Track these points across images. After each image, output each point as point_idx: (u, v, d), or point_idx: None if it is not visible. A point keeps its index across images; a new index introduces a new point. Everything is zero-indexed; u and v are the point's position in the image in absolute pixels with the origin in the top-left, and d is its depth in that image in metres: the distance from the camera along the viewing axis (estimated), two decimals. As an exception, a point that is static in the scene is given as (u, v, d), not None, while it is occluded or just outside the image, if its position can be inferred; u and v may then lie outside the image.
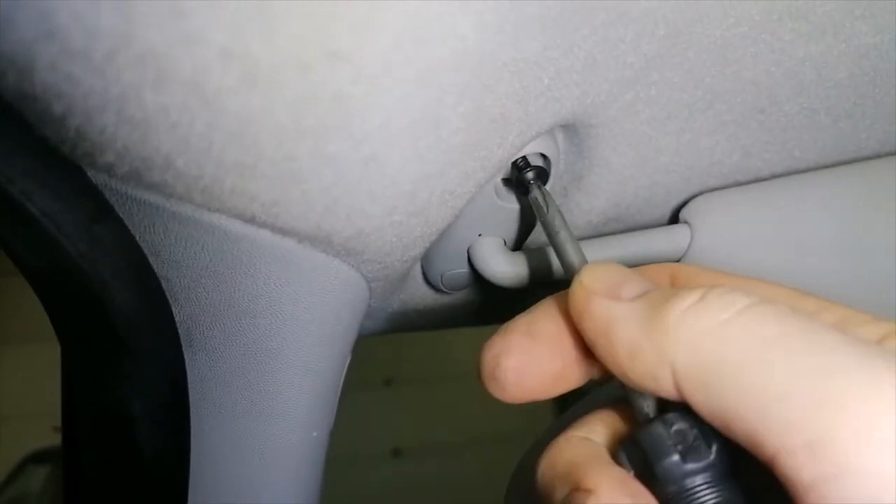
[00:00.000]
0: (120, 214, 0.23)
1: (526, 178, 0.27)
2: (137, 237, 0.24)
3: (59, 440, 0.32)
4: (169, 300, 0.26)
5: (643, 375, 0.18)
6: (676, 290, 0.19)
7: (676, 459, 0.18)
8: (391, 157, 0.22)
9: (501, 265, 0.31)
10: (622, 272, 0.20)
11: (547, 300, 0.22)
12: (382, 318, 0.37)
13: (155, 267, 0.25)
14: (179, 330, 0.26)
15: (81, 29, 0.16)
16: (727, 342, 0.17)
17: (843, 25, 0.26)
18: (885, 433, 0.14)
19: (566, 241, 0.24)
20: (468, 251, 0.32)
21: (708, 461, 0.18)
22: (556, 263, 0.31)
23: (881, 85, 0.29)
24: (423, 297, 0.36)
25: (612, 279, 0.20)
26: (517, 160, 0.28)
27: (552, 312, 0.21)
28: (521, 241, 0.33)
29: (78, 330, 0.26)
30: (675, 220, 0.34)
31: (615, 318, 0.19)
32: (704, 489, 0.18)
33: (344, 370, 0.31)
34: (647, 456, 0.18)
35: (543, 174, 0.28)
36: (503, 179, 0.29)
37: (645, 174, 0.30)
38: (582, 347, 0.21)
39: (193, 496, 0.29)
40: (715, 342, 0.17)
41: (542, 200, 0.26)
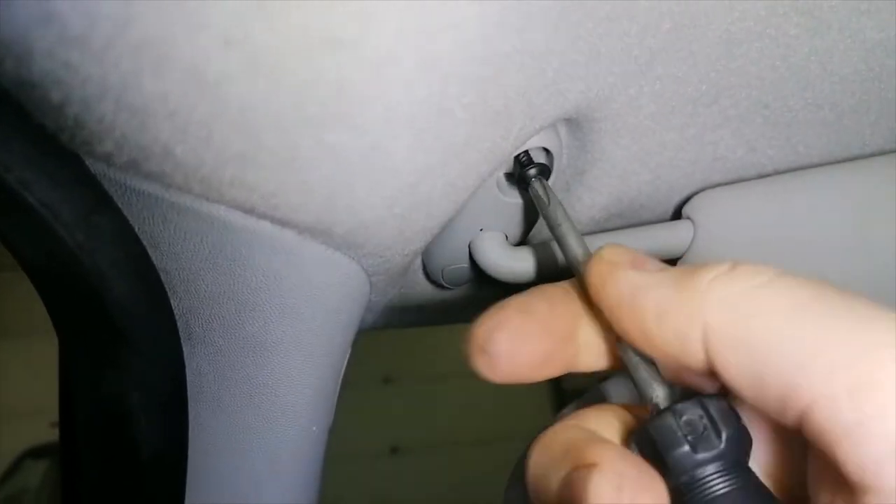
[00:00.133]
0: (119, 205, 0.23)
1: (528, 172, 0.27)
2: (136, 228, 0.24)
3: (57, 436, 0.32)
4: (168, 292, 0.26)
5: (671, 337, 0.18)
6: (704, 263, 0.19)
7: (687, 450, 0.18)
8: (393, 147, 0.22)
9: (503, 260, 0.31)
10: (641, 253, 0.21)
11: (540, 286, 0.22)
12: (383, 312, 0.37)
13: (154, 258, 0.25)
14: (178, 322, 0.26)
15: (80, 14, 0.15)
16: (763, 301, 0.17)
17: (848, 21, 0.26)
18: None
19: (568, 233, 0.24)
20: (469, 246, 0.32)
21: (718, 450, 0.18)
22: (558, 259, 0.31)
23: (886, 81, 0.29)
24: (423, 291, 0.36)
25: (633, 255, 0.20)
26: (519, 154, 0.27)
27: (546, 294, 0.21)
28: (523, 236, 0.33)
29: (75, 322, 0.26)
30: (677, 215, 0.34)
31: (642, 284, 0.19)
32: (715, 478, 0.18)
33: (344, 365, 0.31)
34: (657, 446, 0.18)
35: (546, 169, 0.28)
36: (505, 174, 0.29)
37: (648, 169, 0.30)
38: (573, 330, 0.21)
39: (191, 490, 0.28)
40: (750, 301, 0.17)
41: (543, 194, 0.26)
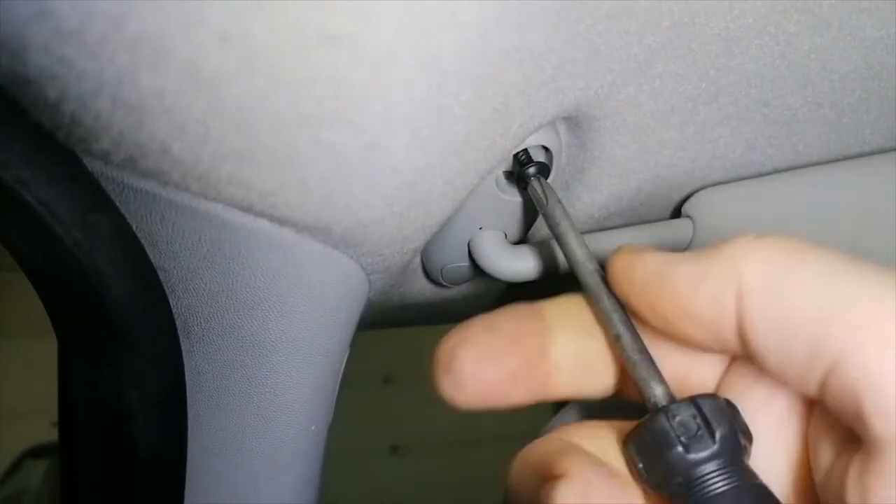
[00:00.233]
0: (116, 203, 0.23)
1: (527, 170, 0.27)
2: (134, 226, 0.24)
3: (57, 435, 0.32)
4: (166, 290, 0.25)
5: (705, 302, 0.18)
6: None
7: (680, 450, 0.18)
8: (392, 145, 0.22)
9: (502, 259, 0.31)
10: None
11: (508, 306, 0.21)
12: (382, 311, 0.36)
13: (152, 257, 0.24)
14: (177, 321, 0.26)
15: (75, 10, 0.15)
16: (796, 261, 0.17)
17: (848, 18, 0.26)
18: None
19: (568, 231, 0.24)
20: (469, 244, 0.32)
21: (712, 450, 0.18)
22: (557, 258, 0.31)
23: (886, 79, 0.28)
24: (422, 290, 0.35)
25: (652, 248, 0.20)
26: (519, 153, 0.27)
27: (513, 312, 0.21)
28: (522, 234, 0.33)
29: (74, 320, 0.26)
30: (677, 214, 0.34)
31: (671, 260, 0.19)
32: (711, 478, 0.18)
33: (343, 364, 0.30)
34: (651, 448, 0.18)
35: (545, 167, 0.28)
36: (505, 172, 0.29)
37: (647, 167, 0.30)
38: (543, 349, 0.20)
39: (190, 489, 0.28)
40: (785, 260, 0.17)
41: (542, 192, 0.26)
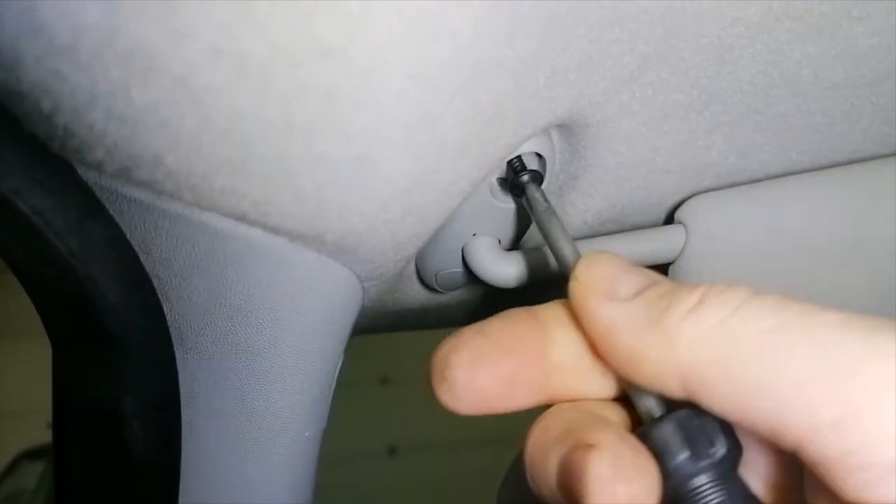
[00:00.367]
0: (111, 212, 0.23)
1: (521, 177, 0.27)
2: (128, 235, 0.24)
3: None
4: (160, 298, 0.26)
5: (648, 377, 0.18)
6: (675, 289, 0.19)
7: (685, 458, 0.18)
8: (384, 154, 0.22)
9: (496, 265, 0.31)
10: (616, 265, 0.20)
11: (501, 312, 0.21)
12: (377, 317, 0.37)
13: (146, 265, 0.25)
14: (170, 328, 0.26)
15: (67, 25, 0.15)
16: (731, 338, 0.17)
17: (839, 27, 0.26)
18: None
19: (561, 238, 0.24)
20: (463, 251, 0.32)
21: (714, 459, 0.18)
22: (550, 263, 0.31)
23: (878, 86, 0.29)
24: (417, 296, 0.36)
25: (607, 273, 0.20)
26: (512, 160, 0.28)
27: (507, 316, 0.21)
28: (516, 240, 0.33)
29: (68, 327, 0.26)
30: (670, 220, 0.34)
31: (615, 320, 0.19)
32: (706, 488, 0.18)
33: (337, 370, 0.31)
34: (654, 455, 0.18)
35: (538, 175, 0.28)
36: (498, 179, 0.29)
37: (641, 174, 0.30)
38: (540, 351, 0.20)
39: (184, 495, 0.28)
40: (718, 340, 0.17)
41: (535, 199, 0.26)
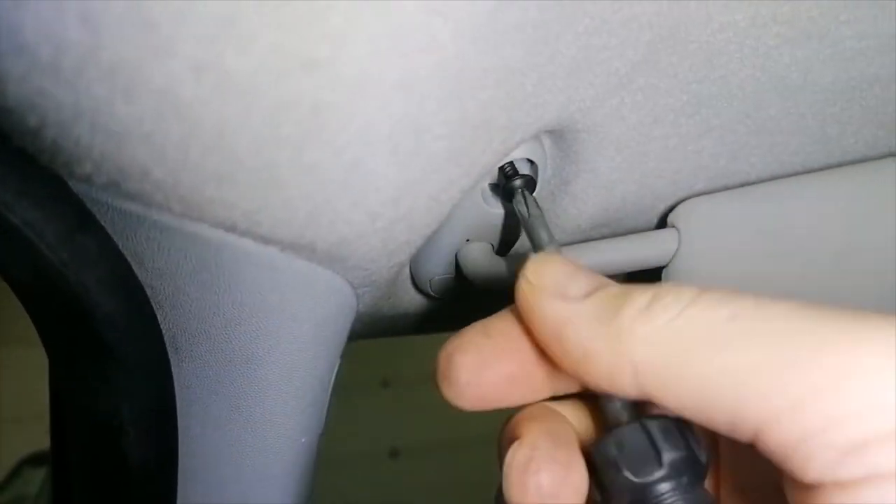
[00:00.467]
0: (102, 223, 0.23)
1: (512, 183, 0.27)
2: (121, 247, 0.24)
3: (55, 444, 0.32)
4: (154, 308, 0.26)
5: (598, 377, 0.18)
6: (627, 290, 0.18)
7: (625, 475, 0.18)
8: (372, 164, 0.22)
9: (489, 270, 0.31)
10: (567, 265, 0.20)
11: (506, 308, 0.21)
12: (374, 322, 0.37)
13: (138, 275, 0.25)
14: (165, 337, 0.26)
15: (49, 43, 0.16)
16: (684, 332, 0.17)
17: (828, 30, 0.26)
18: (860, 377, 0.15)
19: (545, 241, 0.24)
20: (456, 256, 0.32)
21: (659, 474, 0.18)
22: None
23: (867, 89, 0.29)
24: (412, 302, 0.36)
25: (557, 274, 0.20)
26: (504, 166, 0.28)
27: (509, 315, 0.21)
28: (509, 245, 0.33)
29: (64, 339, 0.26)
30: (663, 224, 0.34)
31: (565, 319, 0.19)
32: (660, 501, 0.18)
33: (333, 376, 0.31)
34: (600, 470, 0.19)
35: (530, 180, 0.28)
36: (490, 185, 0.29)
37: (632, 179, 0.30)
38: (540, 349, 0.20)
39: (181, 502, 0.28)
40: (672, 335, 0.17)
41: (525, 205, 0.26)
